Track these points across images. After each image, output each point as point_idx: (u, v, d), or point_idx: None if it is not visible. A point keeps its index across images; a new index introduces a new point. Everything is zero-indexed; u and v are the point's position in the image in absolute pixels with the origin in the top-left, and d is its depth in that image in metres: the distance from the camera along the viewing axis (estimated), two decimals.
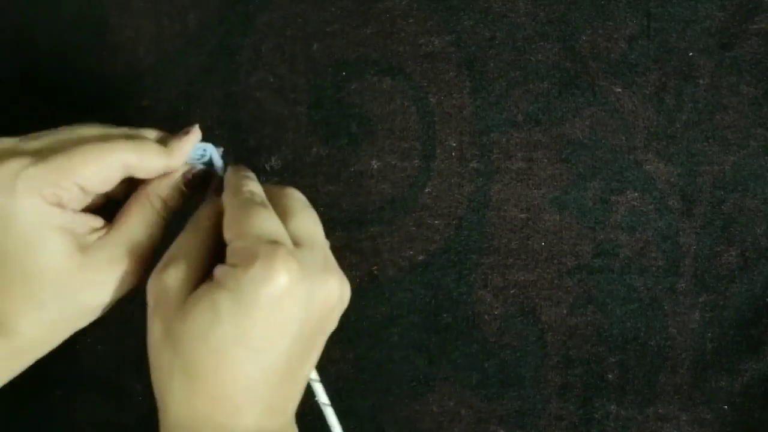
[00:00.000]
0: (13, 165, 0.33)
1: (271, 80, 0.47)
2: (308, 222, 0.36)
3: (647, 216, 0.46)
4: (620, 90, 0.45)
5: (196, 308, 0.32)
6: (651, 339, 0.47)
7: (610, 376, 0.47)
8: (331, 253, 0.37)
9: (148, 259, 0.36)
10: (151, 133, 0.38)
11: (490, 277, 0.47)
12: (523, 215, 0.46)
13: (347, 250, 0.47)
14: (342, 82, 0.46)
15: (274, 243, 0.32)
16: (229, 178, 0.38)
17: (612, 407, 0.47)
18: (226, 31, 0.47)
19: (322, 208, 0.48)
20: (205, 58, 0.47)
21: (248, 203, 0.35)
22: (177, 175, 0.37)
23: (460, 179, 0.46)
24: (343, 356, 0.48)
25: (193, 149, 0.38)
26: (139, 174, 0.36)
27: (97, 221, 0.36)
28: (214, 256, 0.35)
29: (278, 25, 0.47)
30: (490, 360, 0.47)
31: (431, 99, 0.46)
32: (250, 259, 0.32)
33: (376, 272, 0.47)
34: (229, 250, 0.34)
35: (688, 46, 0.45)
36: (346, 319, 0.48)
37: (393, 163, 0.46)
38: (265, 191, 0.37)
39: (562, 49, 0.45)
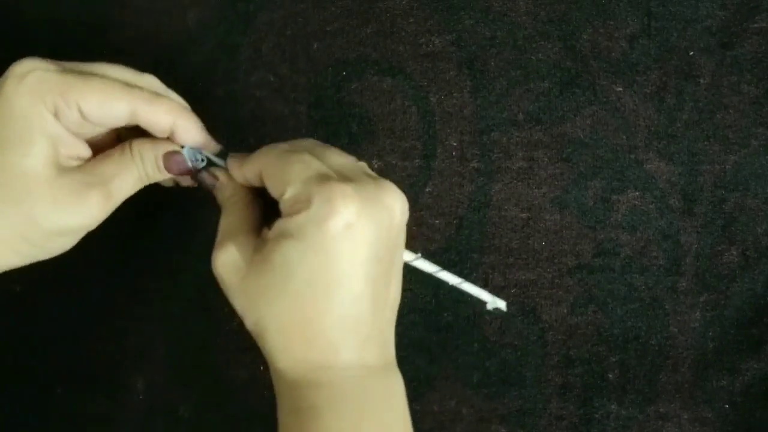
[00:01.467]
0: (32, 63, 0.35)
1: (272, 79, 0.47)
2: (336, 156, 0.36)
3: (648, 215, 0.46)
4: (621, 89, 0.45)
5: (266, 266, 0.33)
6: (652, 338, 0.46)
7: (610, 375, 0.47)
8: (373, 173, 0.37)
9: (113, 202, 0.37)
10: (175, 97, 0.39)
11: (490, 276, 0.47)
12: (523, 215, 0.46)
13: None
14: (342, 81, 0.46)
15: (324, 178, 0.33)
16: (244, 158, 0.38)
17: (613, 406, 0.47)
18: (226, 30, 0.47)
19: None
20: (206, 56, 0.47)
21: (283, 154, 0.35)
22: (161, 147, 0.38)
23: (461, 179, 0.46)
24: None
25: (191, 153, 0.38)
26: (145, 125, 0.37)
27: (86, 151, 0.37)
28: (257, 225, 0.37)
29: (278, 25, 0.47)
30: (490, 359, 0.47)
31: (432, 98, 0.46)
32: (305, 202, 0.33)
33: None
34: (282, 203, 0.34)
35: (688, 45, 0.45)
36: None
37: (393, 162, 0.46)
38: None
39: (562, 48, 0.45)
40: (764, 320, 0.46)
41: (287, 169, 0.34)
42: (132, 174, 0.37)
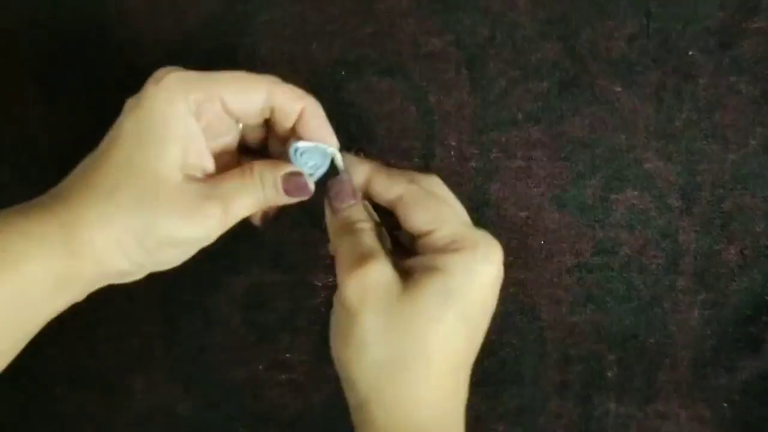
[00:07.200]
0: (171, 68, 0.36)
1: None
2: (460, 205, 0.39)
3: (647, 214, 0.46)
4: (620, 89, 0.45)
5: (426, 294, 0.35)
6: (650, 337, 0.47)
7: (609, 373, 0.47)
8: None
9: (230, 220, 0.37)
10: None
11: None
12: (522, 214, 0.46)
13: None
14: (341, 81, 0.46)
15: (476, 228, 0.36)
16: (377, 174, 0.39)
17: (611, 405, 0.47)
18: (225, 31, 0.47)
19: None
20: (204, 57, 0.46)
21: (431, 194, 0.38)
22: (281, 168, 0.38)
23: (460, 178, 0.46)
24: None
25: (304, 153, 0.39)
26: (280, 107, 0.38)
27: (211, 165, 0.38)
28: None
29: (277, 25, 0.46)
30: (489, 358, 0.47)
31: (431, 98, 0.46)
32: (470, 243, 0.35)
33: None
34: (435, 238, 0.36)
35: (687, 45, 0.45)
36: None
37: (393, 162, 0.46)
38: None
39: (561, 48, 0.45)
40: (762, 319, 0.46)
41: (439, 209, 0.37)
42: (251, 195, 0.37)
